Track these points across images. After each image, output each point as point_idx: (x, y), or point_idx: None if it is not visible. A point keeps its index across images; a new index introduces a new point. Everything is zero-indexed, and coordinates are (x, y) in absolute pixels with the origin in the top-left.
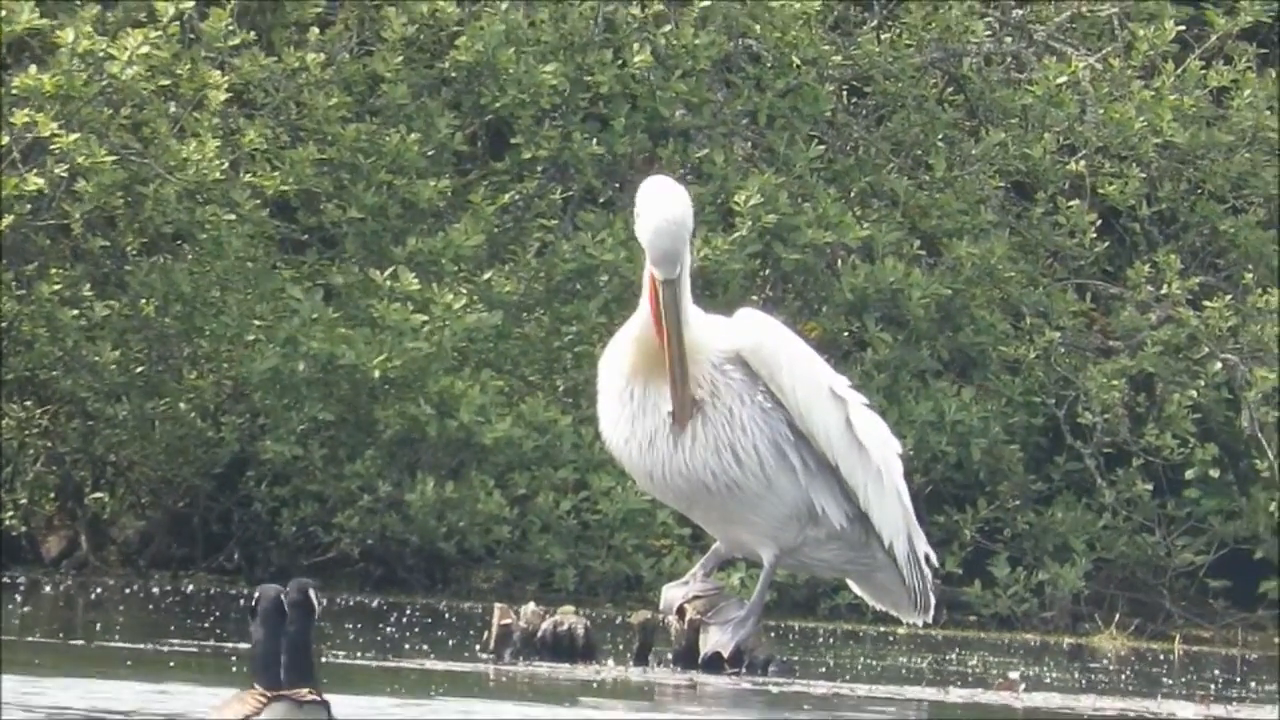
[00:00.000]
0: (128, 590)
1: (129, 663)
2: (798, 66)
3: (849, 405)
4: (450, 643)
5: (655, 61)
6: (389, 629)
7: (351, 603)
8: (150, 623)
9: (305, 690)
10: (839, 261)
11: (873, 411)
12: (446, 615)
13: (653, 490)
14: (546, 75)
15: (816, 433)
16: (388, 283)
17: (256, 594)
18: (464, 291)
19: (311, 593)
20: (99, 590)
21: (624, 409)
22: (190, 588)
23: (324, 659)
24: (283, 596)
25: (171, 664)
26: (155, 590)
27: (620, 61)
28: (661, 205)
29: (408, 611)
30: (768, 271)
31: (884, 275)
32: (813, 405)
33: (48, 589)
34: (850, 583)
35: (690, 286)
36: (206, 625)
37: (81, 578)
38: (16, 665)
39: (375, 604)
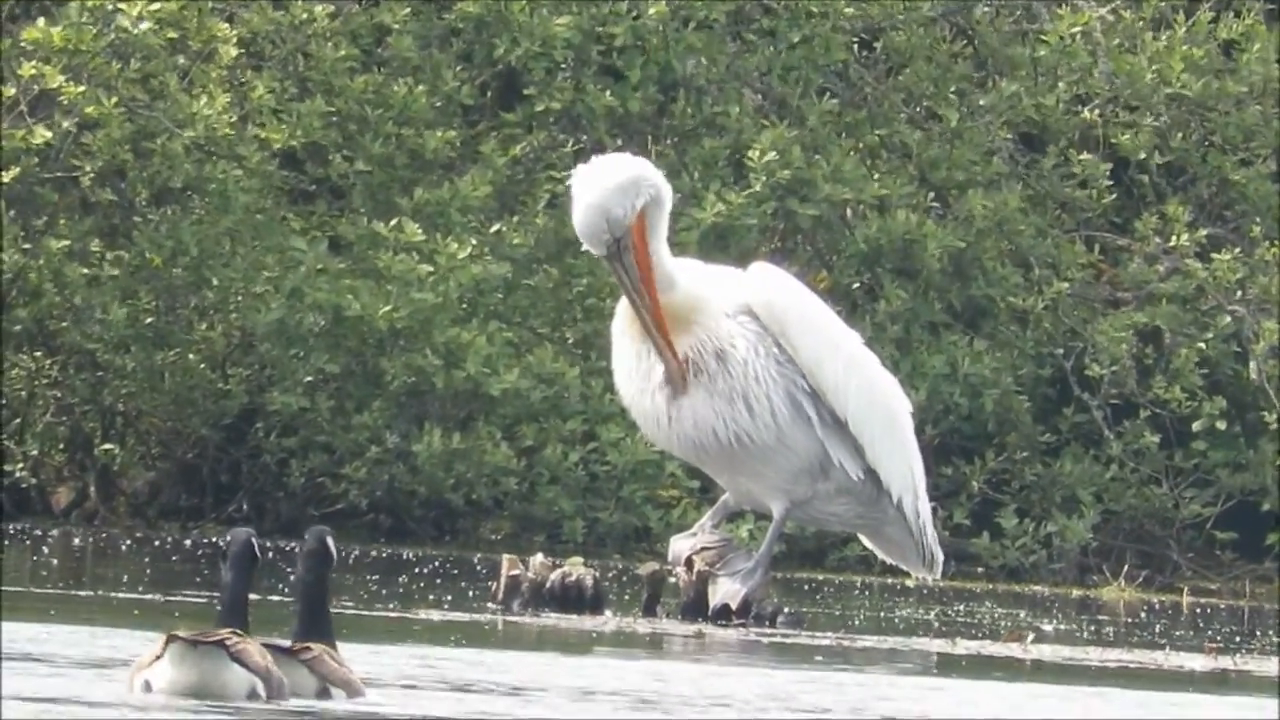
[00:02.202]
0: (136, 541)
1: (135, 612)
2: (811, 16)
3: (859, 361)
4: (458, 594)
5: (669, 13)
6: (398, 580)
7: (360, 554)
8: (158, 573)
9: (225, 631)
10: (849, 213)
11: (884, 368)
12: (455, 566)
13: (661, 440)
14: (560, 27)
15: (826, 388)
16: (392, 234)
17: (229, 537)
18: (471, 242)
19: (329, 541)
20: (108, 541)
21: (637, 361)
22: (198, 539)
23: (333, 610)
24: (253, 540)
25: (177, 614)
26: (164, 541)
27: (634, 14)
28: (580, 191)
29: (416, 562)
30: (780, 224)
31: (897, 227)
32: (822, 362)
33: (57, 540)
34: (862, 537)
35: (668, 248)
36: (214, 576)
37: (90, 529)
38: (25, 613)
39: (384, 555)
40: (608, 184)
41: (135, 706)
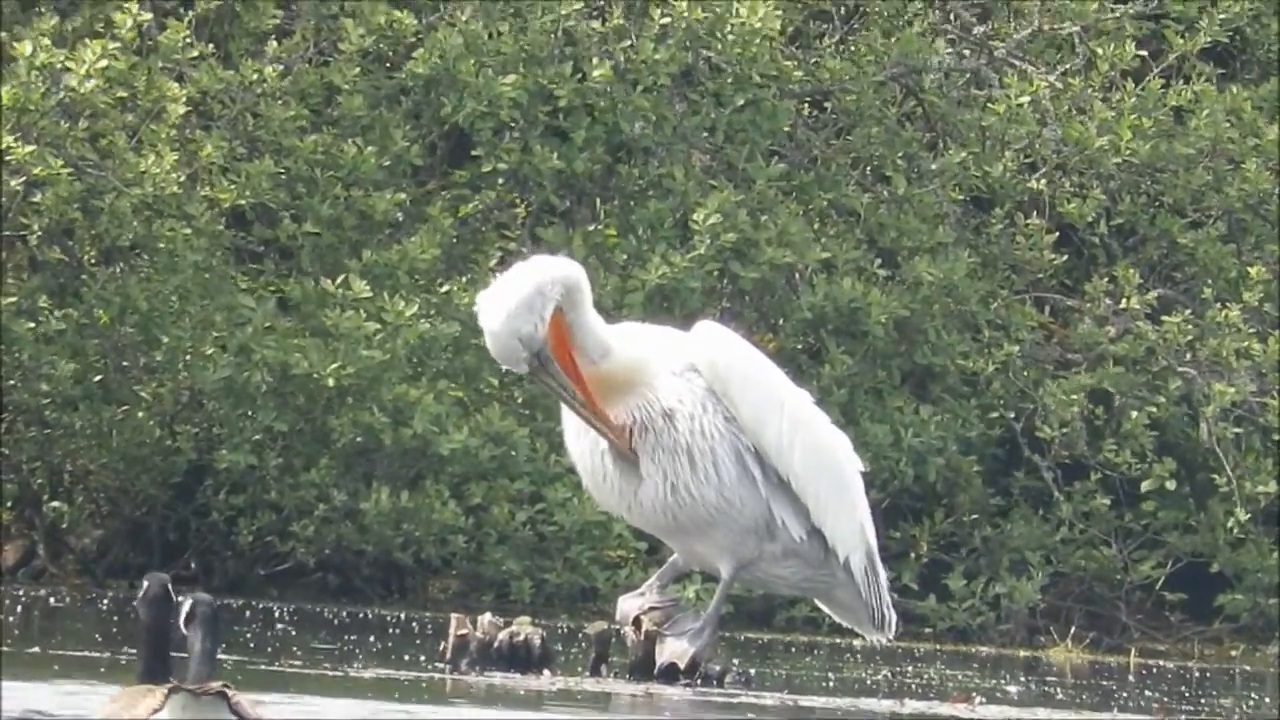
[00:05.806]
0: (85, 599)
1: (60, 668)
2: (757, 83)
3: (804, 421)
4: (407, 653)
5: (615, 76)
6: (346, 638)
7: (308, 612)
8: (107, 631)
9: (217, 684)
10: (797, 277)
11: (833, 427)
12: (403, 625)
13: (601, 498)
14: (506, 87)
15: (769, 448)
16: (340, 290)
17: (189, 601)
18: (417, 300)
19: (169, 587)
20: (56, 599)
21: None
22: None
23: (280, 667)
24: (168, 585)
25: (104, 669)
26: (112, 599)
27: (580, 75)
28: (486, 320)
29: (364, 621)
30: (726, 285)
31: (843, 294)
32: (764, 421)
33: (4, 598)
34: (816, 600)
35: (598, 316)
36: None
37: (39, 586)
38: None
39: (332, 614)
40: (509, 306)
41: None
